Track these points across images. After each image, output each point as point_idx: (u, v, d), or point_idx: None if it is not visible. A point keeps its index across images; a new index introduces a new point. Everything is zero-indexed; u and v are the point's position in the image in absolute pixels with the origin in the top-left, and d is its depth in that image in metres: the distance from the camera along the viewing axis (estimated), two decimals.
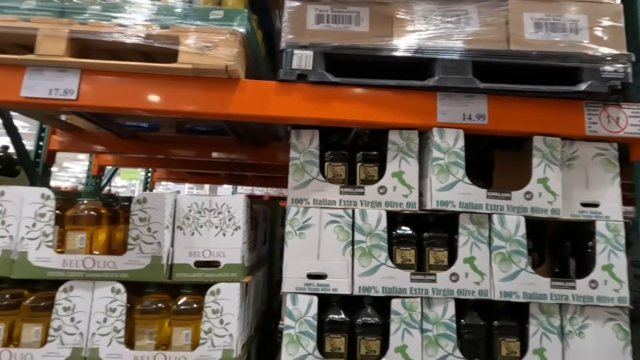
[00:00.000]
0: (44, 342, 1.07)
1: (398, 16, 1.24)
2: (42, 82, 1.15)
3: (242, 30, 1.16)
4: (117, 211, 1.24)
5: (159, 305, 1.12)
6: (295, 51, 1.19)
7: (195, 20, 1.16)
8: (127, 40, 1.13)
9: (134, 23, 1.14)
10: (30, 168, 1.92)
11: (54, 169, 2.21)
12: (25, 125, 4.60)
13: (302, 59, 1.19)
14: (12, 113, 1.78)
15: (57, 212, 1.11)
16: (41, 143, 2.00)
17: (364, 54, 1.19)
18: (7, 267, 1.08)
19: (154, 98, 1.17)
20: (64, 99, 1.14)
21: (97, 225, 1.16)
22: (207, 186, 6.62)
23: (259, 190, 5.86)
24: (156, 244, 1.11)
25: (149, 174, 3.36)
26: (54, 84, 1.15)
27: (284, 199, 5.64)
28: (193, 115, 1.27)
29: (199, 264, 1.13)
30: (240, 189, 5.50)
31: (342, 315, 1.13)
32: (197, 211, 1.16)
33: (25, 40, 1.21)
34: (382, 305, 1.14)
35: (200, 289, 1.14)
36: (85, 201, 1.15)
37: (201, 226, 1.16)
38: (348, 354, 1.12)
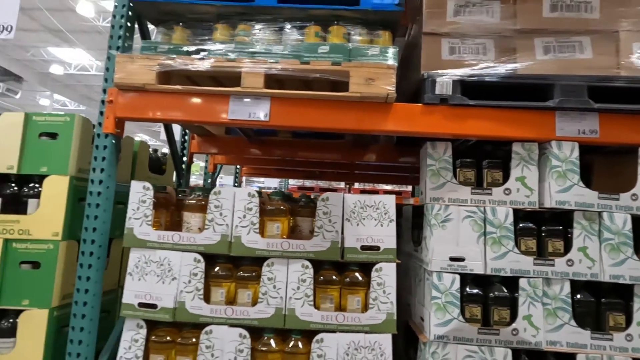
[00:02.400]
0: (254, 303, 1.45)
1: (521, 47, 1.50)
2: (242, 107, 1.51)
3: (395, 63, 1.46)
4: (290, 206, 1.60)
5: (334, 278, 1.47)
6: (437, 79, 1.49)
7: (358, 57, 1.48)
8: (310, 75, 1.47)
9: (311, 61, 1.48)
10: (179, 167, 2.34)
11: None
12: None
13: (443, 86, 1.48)
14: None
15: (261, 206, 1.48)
16: (184, 146, 2.42)
17: (495, 80, 1.47)
18: (226, 247, 1.46)
19: (325, 118, 1.50)
20: (262, 121, 1.50)
21: (286, 217, 1.52)
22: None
23: (309, 182, 6.29)
24: (334, 232, 1.46)
25: (238, 169, 3.78)
26: (251, 109, 1.51)
27: (334, 190, 5.96)
28: (354, 131, 1.60)
29: (363, 247, 1.47)
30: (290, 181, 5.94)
31: (478, 290, 1.44)
32: (360, 207, 1.50)
33: (217, 74, 1.58)
34: (505, 283, 1.44)
35: (361, 266, 1.49)
36: (276, 199, 1.52)
37: (364, 218, 1.49)
38: (483, 320, 1.43)
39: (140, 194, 1.51)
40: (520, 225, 1.47)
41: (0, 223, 1.53)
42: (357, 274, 1.48)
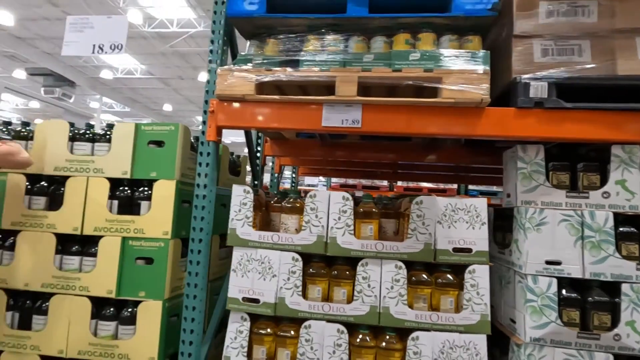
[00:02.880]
0: (349, 300, 1.53)
1: (620, 47, 1.46)
2: (335, 114, 1.59)
3: (487, 67, 1.47)
4: (380, 209, 1.66)
5: (427, 278, 1.52)
6: (532, 83, 1.48)
7: (449, 63, 1.50)
8: (403, 82, 1.52)
9: (403, 68, 1.52)
10: (255, 169, 2.47)
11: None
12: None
13: (538, 89, 1.48)
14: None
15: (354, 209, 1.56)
16: (258, 149, 2.55)
17: (594, 82, 1.45)
18: (322, 247, 1.55)
19: (414, 123, 1.54)
20: (352, 127, 1.57)
21: (377, 219, 1.58)
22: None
23: (351, 180, 6.30)
24: (428, 234, 1.51)
25: (295, 170, 3.90)
26: (344, 116, 1.58)
27: (373, 187, 5.87)
28: (444, 136, 1.64)
29: (455, 249, 1.51)
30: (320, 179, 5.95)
31: (576, 294, 1.43)
32: (452, 210, 1.53)
33: (305, 84, 1.67)
34: (602, 287, 1.43)
35: (452, 268, 1.52)
36: (369, 202, 1.59)
37: (455, 221, 1.53)
38: (581, 324, 1.42)
39: (242, 196, 1.63)
40: (621, 229, 1.44)
41: (118, 223, 1.71)
42: (449, 275, 1.51)
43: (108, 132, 1.81)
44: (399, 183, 6.14)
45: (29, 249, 1.74)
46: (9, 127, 1.89)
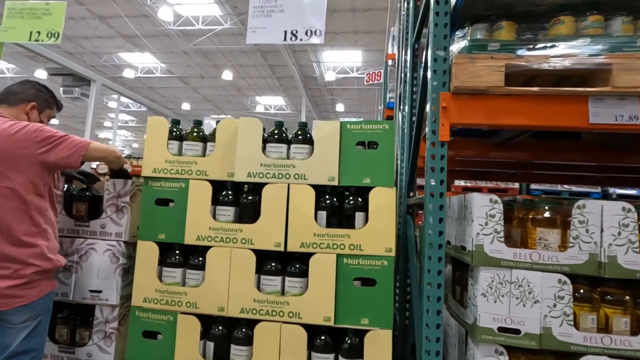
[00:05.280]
0: (633, 331, 1.28)
1: None
2: (606, 109, 1.34)
3: None
4: None
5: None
6: None
7: None
8: None
9: None
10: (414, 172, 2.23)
11: None
12: None
13: None
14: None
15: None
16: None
17: None
18: (595, 267, 1.30)
19: None
20: (629, 124, 1.32)
21: None
22: None
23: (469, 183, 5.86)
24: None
25: None
26: (618, 111, 1.33)
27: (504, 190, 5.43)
28: None
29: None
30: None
31: None
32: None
33: (560, 73, 1.42)
34: None
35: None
36: None
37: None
38: None
39: (488, 207, 1.38)
40: None
41: (330, 238, 1.47)
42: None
43: (306, 133, 1.57)
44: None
45: (222, 268, 1.51)
46: (200, 127, 1.67)
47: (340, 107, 16.05)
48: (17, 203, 1.38)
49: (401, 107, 2.97)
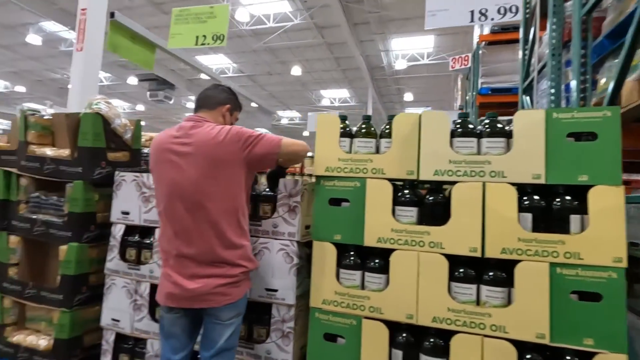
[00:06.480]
0: None
1: None
2: None
3: None
4: None
5: None
6: None
7: None
8: None
9: None
10: None
11: None
12: None
13: None
14: None
15: None
16: None
17: None
18: None
19: None
20: None
21: None
22: None
23: None
24: None
25: None
26: None
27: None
28: None
29: None
30: None
31: None
32: None
33: None
34: None
35: None
36: None
37: None
38: None
39: None
40: None
41: (539, 244, 1.29)
42: None
43: (496, 124, 1.39)
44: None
45: (409, 273, 1.41)
46: (370, 122, 1.60)
47: (408, 97, 15.37)
48: (229, 206, 1.43)
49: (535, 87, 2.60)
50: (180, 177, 1.43)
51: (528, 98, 3.41)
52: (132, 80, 14.42)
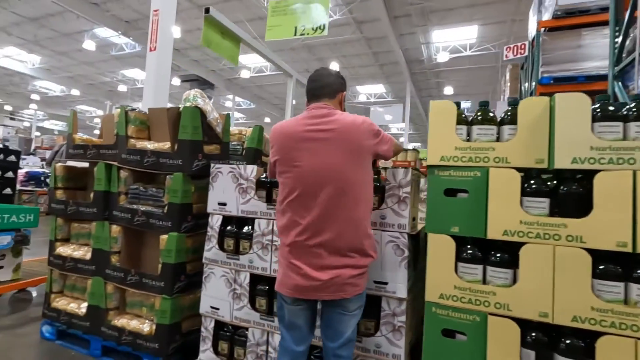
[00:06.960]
0: None
1: None
2: None
3: None
4: None
5: None
6: None
7: None
8: None
9: None
10: None
11: None
12: None
13: None
14: None
15: None
16: None
17: None
18: None
19: None
20: None
21: None
22: None
23: None
24: None
25: None
26: None
27: None
28: None
29: None
30: None
31: None
32: None
33: None
34: None
35: None
36: None
37: None
38: None
39: None
40: None
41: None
42: None
43: None
44: None
45: (543, 269, 1.32)
46: (488, 107, 1.52)
47: (448, 90, 14.78)
48: (366, 194, 1.43)
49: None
50: (324, 164, 1.39)
51: (620, 84, 3.13)
52: (175, 81, 14.99)
